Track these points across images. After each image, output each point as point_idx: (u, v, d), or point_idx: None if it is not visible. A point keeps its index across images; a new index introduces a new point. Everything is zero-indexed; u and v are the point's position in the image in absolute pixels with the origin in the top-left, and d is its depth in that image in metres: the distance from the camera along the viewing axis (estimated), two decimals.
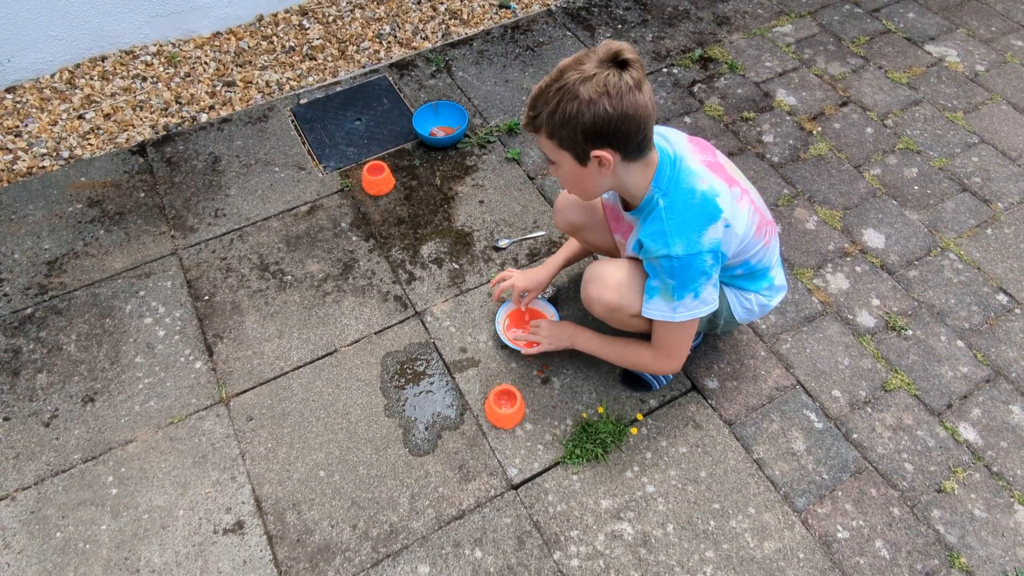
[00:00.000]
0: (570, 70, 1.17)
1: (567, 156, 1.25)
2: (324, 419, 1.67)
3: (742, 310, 1.54)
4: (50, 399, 1.69)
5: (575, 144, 1.22)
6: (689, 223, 1.28)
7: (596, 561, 1.46)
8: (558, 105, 1.17)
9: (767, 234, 1.44)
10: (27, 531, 1.49)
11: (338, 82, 2.51)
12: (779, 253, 1.57)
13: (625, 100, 1.15)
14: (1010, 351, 1.82)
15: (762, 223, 1.41)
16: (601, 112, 1.15)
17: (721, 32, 2.72)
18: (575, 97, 1.15)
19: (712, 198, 1.28)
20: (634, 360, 1.57)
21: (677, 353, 1.48)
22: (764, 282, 1.53)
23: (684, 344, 1.46)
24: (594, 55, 1.17)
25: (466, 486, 1.57)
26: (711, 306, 1.36)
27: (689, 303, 1.34)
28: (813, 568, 1.46)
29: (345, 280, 1.94)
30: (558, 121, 1.19)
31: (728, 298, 1.52)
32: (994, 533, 1.52)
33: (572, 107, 1.16)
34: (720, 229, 1.28)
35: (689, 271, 1.30)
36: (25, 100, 2.41)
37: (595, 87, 1.14)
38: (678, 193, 1.29)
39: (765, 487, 1.57)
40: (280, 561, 1.46)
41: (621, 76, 1.15)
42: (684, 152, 1.32)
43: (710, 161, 1.35)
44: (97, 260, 1.97)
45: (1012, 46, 2.69)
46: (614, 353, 1.61)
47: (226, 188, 2.16)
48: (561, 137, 1.22)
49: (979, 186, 2.21)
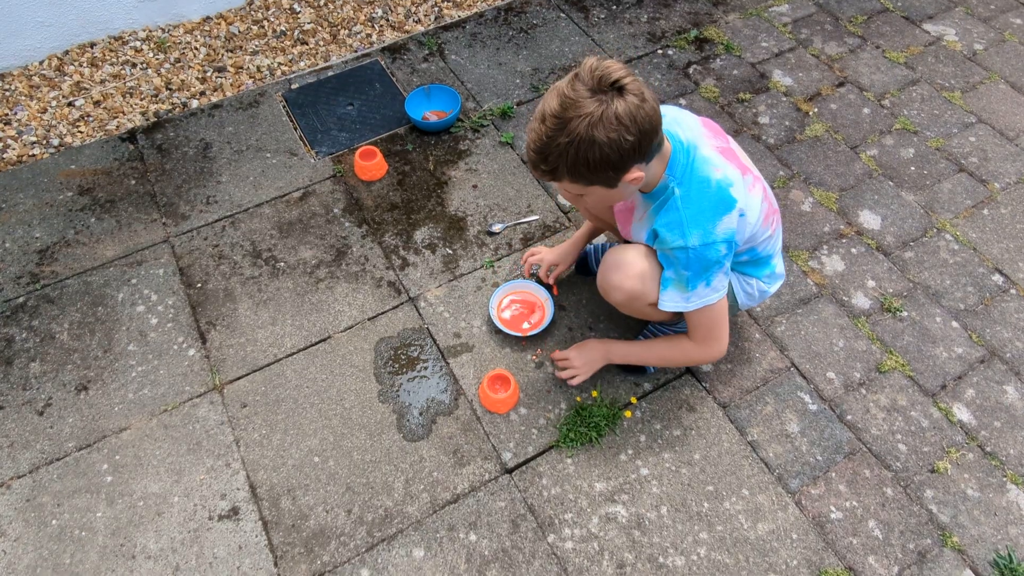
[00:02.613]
0: (571, 114, 1.11)
1: (597, 188, 1.24)
2: (318, 405, 1.67)
3: (744, 295, 1.54)
4: (43, 388, 1.69)
5: (606, 179, 1.20)
6: (705, 213, 1.27)
7: (590, 543, 1.47)
8: (577, 154, 1.13)
9: (774, 223, 1.44)
10: (23, 519, 1.50)
11: (330, 67, 2.49)
12: (781, 242, 1.57)
13: (640, 121, 1.12)
14: (1005, 331, 1.81)
15: (770, 211, 1.41)
16: (625, 144, 1.13)
17: (717, 12, 2.69)
18: (593, 142, 1.11)
19: (727, 187, 1.27)
20: (681, 356, 1.55)
21: (720, 335, 1.44)
22: (767, 269, 1.53)
23: (722, 323, 1.43)
24: (583, 87, 1.11)
25: (460, 470, 1.57)
26: (721, 292, 1.36)
27: (701, 291, 1.34)
28: (806, 548, 1.47)
29: (338, 266, 1.93)
30: (583, 169, 1.16)
31: (732, 283, 1.51)
32: (986, 512, 1.52)
33: (595, 153, 1.13)
34: (735, 219, 1.28)
35: (703, 261, 1.30)
36: (14, 88, 2.39)
37: (609, 126, 1.10)
38: (693, 182, 1.28)
39: (759, 469, 1.58)
40: (275, 546, 1.46)
41: (625, 100, 1.10)
42: (698, 138, 1.31)
43: (723, 147, 1.34)
44: (88, 248, 1.96)
45: (1011, 24, 2.66)
46: (655, 356, 1.60)
47: (217, 175, 2.14)
48: (590, 179, 1.19)
49: (976, 166, 2.19)
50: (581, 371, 1.62)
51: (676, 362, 1.62)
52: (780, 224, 1.51)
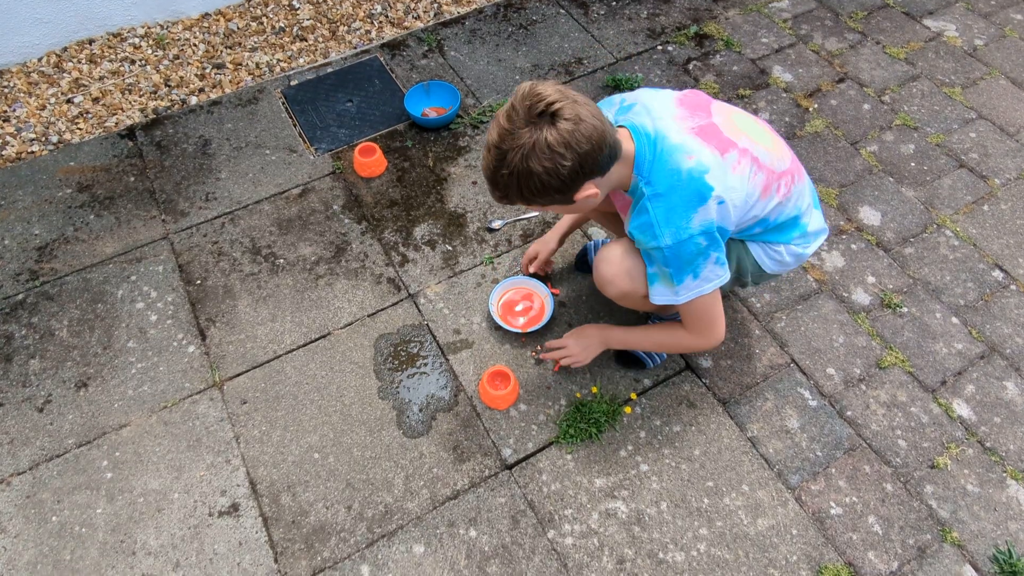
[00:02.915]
0: (507, 146, 1.12)
1: (557, 207, 1.26)
2: (318, 402, 1.67)
3: (772, 263, 1.47)
4: (43, 384, 1.69)
5: (557, 200, 1.21)
6: (676, 209, 1.23)
7: (590, 539, 1.47)
8: (520, 183, 1.15)
9: (782, 188, 1.35)
10: (23, 515, 1.50)
11: (329, 63, 2.48)
12: (813, 196, 1.46)
13: (575, 145, 1.11)
14: (1005, 327, 1.81)
15: (771, 180, 1.32)
16: (563, 170, 1.12)
17: (717, 8, 2.68)
18: (530, 173, 1.12)
19: (700, 176, 1.22)
20: (675, 344, 1.52)
21: (713, 324, 1.40)
22: (794, 232, 1.44)
23: (714, 312, 1.38)
24: (517, 116, 1.11)
25: (460, 467, 1.57)
26: (715, 281, 1.31)
27: (690, 284, 1.30)
28: (806, 544, 1.47)
29: (338, 263, 1.93)
30: (528, 195, 1.18)
31: (753, 254, 1.45)
32: (986, 508, 1.52)
33: (534, 182, 1.14)
34: (712, 209, 1.23)
35: (683, 257, 1.26)
36: (12, 85, 2.38)
37: (542, 155, 1.11)
38: (661, 177, 1.23)
39: (759, 465, 1.58)
40: (276, 543, 1.46)
41: (557, 128, 1.10)
42: (667, 124, 1.26)
43: (702, 125, 1.27)
44: (88, 245, 1.96)
45: (1012, 20, 2.65)
46: (651, 342, 1.57)
47: (217, 171, 2.14)
48: (539, 202, 1.21)
49: (976, 162, 2.19)
50: (579, 357, 1.61)
51: (671, 349, 1.57)
52: (800, 181, 1.40)
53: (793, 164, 1.39)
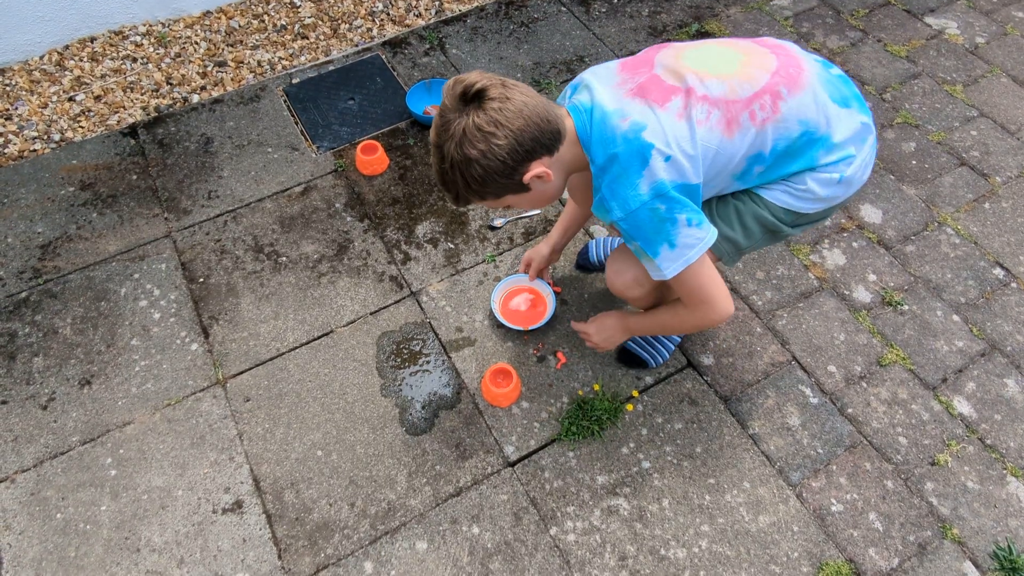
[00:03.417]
0: (442, 140, 1.10)
1: (510, 197, 1.20)
2: (321, 399, 1.67)
3: (807, 202, 1.27)
4: (47, 382, 1.70)
5: (506, 187, 1.16)
6: (618, 178, 1.14)
7: (592, 536, 1.48)
8: (463, 176, 1.11)
9: (760, 113, 1.16)
10: (27, 512, 1.50)
11: (330, 61, 2.48)
12: (834, 94, 1.22)
13: (506, 122, 1.07)
14: (1006, 325, 1.82)
15: (733, 111, 1.15)
16: (499, 149, 1.08)
17: (718, 6, 2.68)
18: (468, 160, 1.09)
19: (636, 136, 1.12)
20: (678, 323, 1.41)
21: (708, 296, 1.27)
22: (814, 151, 1.21)
23: (705, 284, 1.25)
24: (448, 109, 1.09)
25: (463, 464, 1.58)
26: (698, 246, 1.18)
27: (669, 255, 1.18)
28: (807, 541, 1.48)
29: (340, 261, 1.94)
30: (476, 188, 1.14)
31: (774, 200, 1.28)
32: (986, 504, 1.53)
33: (474, 169, 1.10)
34: (659, 168, 1.12)
35: (643, 227, 1.16)
36: (14, 83, 2.39)
37: (473, 139, 1.07)
38: (599, 148, 1.16)
39: (760, 462, 1.58)
40: (279, 539, 1.47)
41: (484, 108, 1.07)
42: (604, 94, 1.18)
43: (640, 83, 1.17)
44: (91, 243, 1.96)
45: (1013, 17, 2.65)
46: (658, 324, 1.49)
47: (219, 169, 2.14)
48: (491, 192, 1.16)
49: (977, 160, 2.19)
50: (601, 346, 1.59)
51: (677, 329, 1.45)
52: (798, 90, 1.19)
53: (777, 77, 1.18)
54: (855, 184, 1.29)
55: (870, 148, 1.29)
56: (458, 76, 1.09)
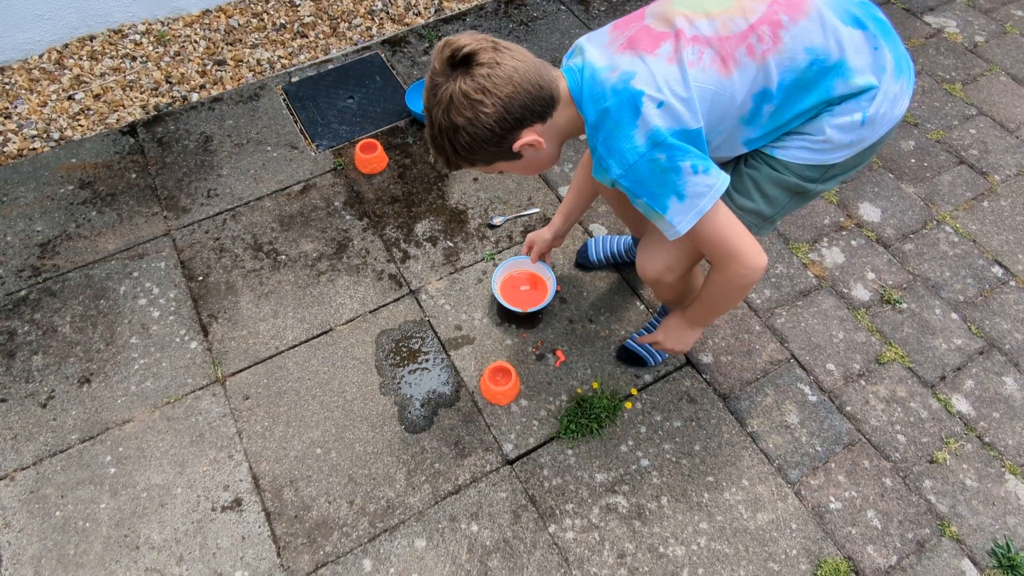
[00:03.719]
0: (431, 105, 1.07)
1: (501, 163, 1.16)
2: (320, 397, 1.67)
3: (829, 153, 1.17)
4: (46, 380, 1.70)
5: (496, 155, 1.12)
6: (612, 133, 1.08)
7: (591, 534, 1.48)
8: (451, 142, 1.09)
9: (759, 46, 1.08)
10: (27, 510, 1.51)
11: (330, 60, 2.48)
12: (836, 24, 1.10)
13: (495, 89, 1.03)
14: (1004, 323, 1.82)
15: (728, 47, 1.08)
16: (486, 118, 1.04)
17: None
18: (456, 128, 1.06)
19: (625, 85, 1.06)
20: (722, 290, 1.27)
21: (733, 245, 1.15)
22: (832, 80, 1.10)
23: (728, 233, 1.15)
24: (436, 73, 1.05)
25: (462, 462, 1.58)
26: (709, 194, 1.09)
27: (679, 208, 1.10)
28: (806, 538, 1.48)
29: (339, 259, 1.94)
30: (464, 154, 1.10)
31: (792, 161, 1.19)
32: (985, 502, 1.53)
33: (462, 136, 1.06)
34: (653, 115, 1.05)
35: (645, 180, 1.09)
36: (14, 81, 2.39)
37: (460, 106, 1.04)
38: (591, 105, 1.11)
39: (759, 460, 1.59)
40: (278, 537, 1.47)
41: (472, 74, 1.03)
42: (595, 53, 1.13)
43: (631, 36, 1.12)
44: (90, 242, 1.97)
45: (1012, 16, 2.65)
46: (711, 304, 1.35)
47: (218, 168, 2.14)
48: (480, 159, 1.13)
49: (976, 158, 2.19)
50: (679, 349, 1.48)
51: (723, 300, 1.31)
52: (801, 14, 1.09)
53: (776, 6, 1.10)
54: (883, 123, 1.16)
55: (894, 78, 1.15)
56: (448, 38, 1.04)
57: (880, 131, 1.18)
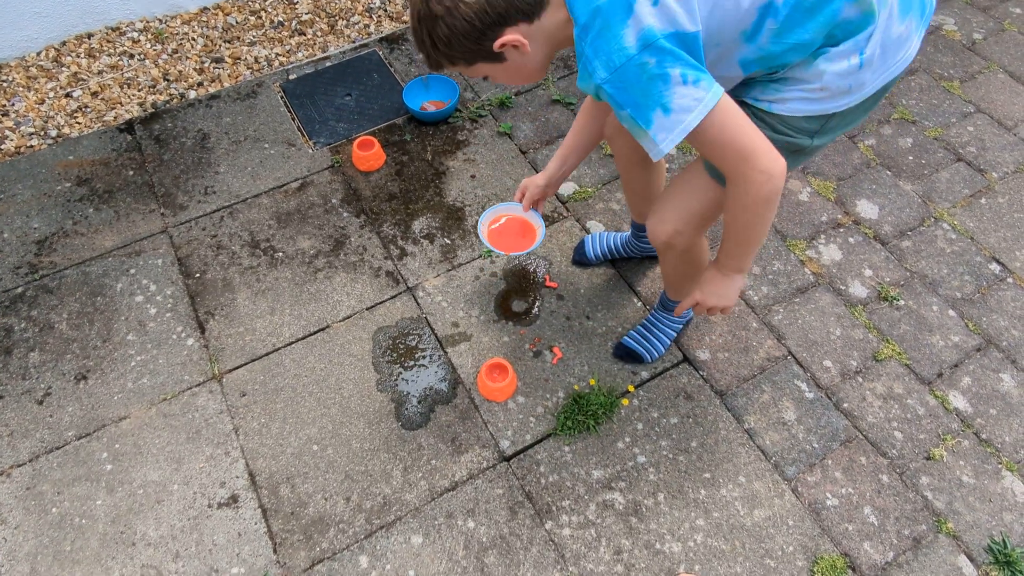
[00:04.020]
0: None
1: (483, 65, 1.10)
2: (317, 394, 1.67)
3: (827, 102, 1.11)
4: (43, 377, 1.70)
5: (476, 53, 1.07)
6: (602, 32, 0.99)
7: (588, 530, 1.48)
8: (431, 35, 1.04)
9: None
10: (23, 507, 1.50)
11: (327, 57, 2.48)
12: None
13: None
14: (1001, 320, 1.82)
15: None
16: (466, 10, 1.00)
17: None
18: (434, 17, 1.01)
19: None
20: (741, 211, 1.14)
21: (743, 145, 1.04)
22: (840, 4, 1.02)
23: (737, 133, 1.04)
24: None
25: (458, 458, 1.58)
26: (697, 109, 1.00)
27: (662, 123, 1.01)
28: (802, 535, 1.48)
29: (336, 256, 1.94)
30: (443, 49, 1.06)
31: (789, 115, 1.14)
32: (981, 499, 1.53)
33: (441, 28, 1.02)
34: (646, 13, 0.97)
35: (632, 88, 1.00)
36: (11, 79, 2.38)
37: None
38: (582, 5, 1.01)
39: (756, 456, 1.58)
40: (275, 533, 1.47)
41: None
42: None
43: None
44: (87, 239, 1.96)
45: (1010, 13, 2.65)
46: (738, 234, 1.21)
47: (216, 165, 2.14)
48: (460, 57, 1.08)
49: (974, 156, 2.19)
50: (722, 304, 1.32)
51: (749, 221, 1.15)
52: None
53: None
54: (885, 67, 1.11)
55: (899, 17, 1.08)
56: None
57: (882, 76, 1.11)
